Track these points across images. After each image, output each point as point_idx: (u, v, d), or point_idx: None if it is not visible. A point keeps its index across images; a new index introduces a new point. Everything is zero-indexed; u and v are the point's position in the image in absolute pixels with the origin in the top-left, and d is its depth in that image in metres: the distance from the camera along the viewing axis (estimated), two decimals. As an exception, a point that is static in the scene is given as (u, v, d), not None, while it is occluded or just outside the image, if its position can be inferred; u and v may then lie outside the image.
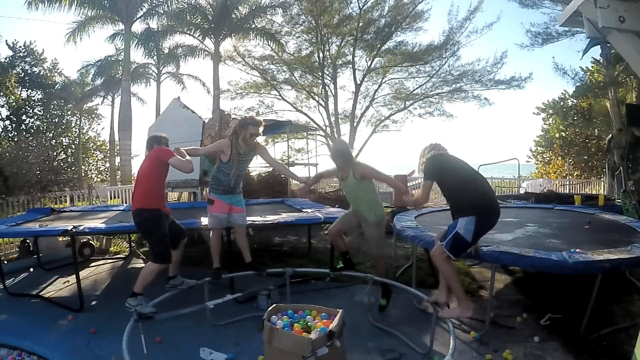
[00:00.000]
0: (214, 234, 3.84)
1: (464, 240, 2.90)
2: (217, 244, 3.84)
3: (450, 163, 3.15)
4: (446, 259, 2.98)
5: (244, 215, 3.87)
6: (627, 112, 8.46)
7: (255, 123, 3.68)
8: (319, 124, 18.51)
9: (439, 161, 3.14)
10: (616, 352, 3.01)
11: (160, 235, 3.36)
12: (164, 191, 3.64)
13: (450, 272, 3.00)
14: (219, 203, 3.72)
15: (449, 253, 2.93)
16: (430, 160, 3.14)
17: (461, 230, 2.89)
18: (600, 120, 13.75)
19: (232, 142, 3.67)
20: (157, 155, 3.46)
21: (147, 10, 14.22)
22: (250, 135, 3.64)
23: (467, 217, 2.89)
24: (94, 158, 23.71)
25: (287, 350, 2.31)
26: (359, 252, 6.31)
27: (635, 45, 2.59)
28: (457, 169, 3.11)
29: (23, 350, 3.44)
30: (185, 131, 7.37)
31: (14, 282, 5.23)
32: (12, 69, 19.33)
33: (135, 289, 3.29)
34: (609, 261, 3.00)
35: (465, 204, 2.96)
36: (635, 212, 6.73)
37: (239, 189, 3.85)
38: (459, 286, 3.06)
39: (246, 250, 3.91)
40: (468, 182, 3.03)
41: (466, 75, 17.19)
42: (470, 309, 3.02)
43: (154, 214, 3.35)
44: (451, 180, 3.08)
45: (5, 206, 7.05)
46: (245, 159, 3.76)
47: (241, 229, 3.89)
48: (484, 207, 2.95)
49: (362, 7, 16.95)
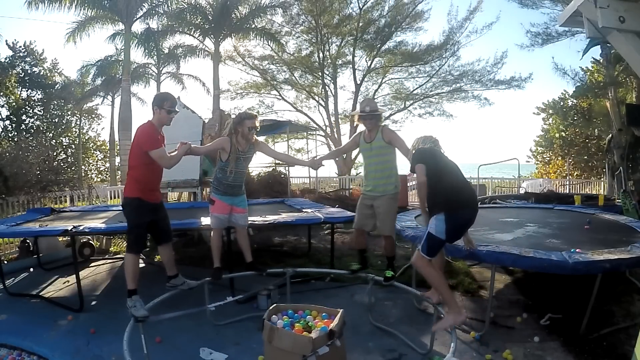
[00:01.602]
0: (215, 234, 3.84)
1: (438, 239, 2.88)
2: (218, 244, 3.83)
3: (431, 158, 3.09)
4: (427, 264, 2.93)
5: (245, 215, 3.87)
6: (627, 112, 8.46)
7: (250, 117, 3.66)
8: (319, 124, 18.55)
9: (423, 155, 3.11)
10: (616, 352, 3.01)
11: (133, 223, 3.29)
12: (155, 178, 3.43)
13: (434, 278, 2.94)
14: (219, 203, 3.72)
15: (425, 255, 2.89)
16: (416, 153, 3.16)
17: (432, 229, 2.88)
18: (600, 120, 13.75)
19: (232, 140, 3.64)
20: (139, 141, 3.24)
21: (147, 10, 14.19)
22: (248, 129, 3.62)
23: (437, 215, 2.89)
24: (94, 158, 23.72)
25: (288, 350, 2.31)
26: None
27: (635, 45, 2.59)
28: (433, 165, 3.05)
29: (23, 350, 3.44)
30: (185, 131, 7.35)
31: (14, 282, 5.23)
32: (12, 69, 19.34)
33: (128, 287, 3.24)
34: (609, 261, 3.01)
35: (436, 200, 2.95)
36: (635, 212, 6.73)
37: (242, 189, 3.81)
38: (447, 290, 2.98)
39: (247, 250, 3.90)
40: (439, 178, 2.98)
41: (466, 75, 17.23)
42: (463, 312, 2.94)
43: (133, 202, 3.26)
44: (428, 176, 3.02)
45: (5, 206, 7.04)
46: (245, 157, 3.71)
47: (242, 230, 3.88)
48: (453, 202, 2.90)
49: (362, 7, 16.98)
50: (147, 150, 3.21)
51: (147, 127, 3.29)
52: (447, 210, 2.87)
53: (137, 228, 3.30)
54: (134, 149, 3.29)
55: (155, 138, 3.26)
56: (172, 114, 3.37)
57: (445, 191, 2.94)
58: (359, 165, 22.85)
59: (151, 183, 3.39)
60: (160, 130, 3.39)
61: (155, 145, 3.23)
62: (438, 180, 2.97)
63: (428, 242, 2.91)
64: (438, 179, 2.98)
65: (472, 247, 3.30)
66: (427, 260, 2.92)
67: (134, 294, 3.20)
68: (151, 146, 3.21)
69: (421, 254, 2.92)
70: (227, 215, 3.76)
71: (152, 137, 3.24)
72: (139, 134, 3.28)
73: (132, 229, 3.32)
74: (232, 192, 3.71)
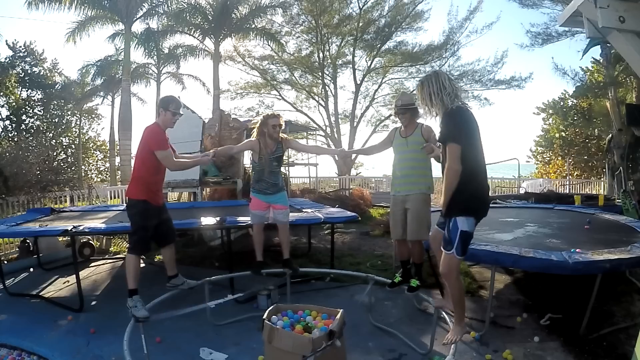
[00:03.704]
0: (255, 229, 3.96)
1: (469, 234, 2.56)
2: (258, 239, 3.94)
3: (470, 138, 2.51)
4: (459, 274, 2.67)
5: (285, 212, 3.90)
6: (627, 112, 8.46)
7: (273, 116, 3.80)
8: (319, 124, 18.56)
9: (463, 128, 2.48)
10: (616, 352, 3.01)
11: (138, 225, 3.30)
12: (160, 179, 3.44)
13: (459, 290, 2.69)
14: (255, 201, 3.85)
15: (461, 256, 2.57)
16: (455, 117, 2.49)
17: (464, 227, 2.53)
18: (600, 120, 13.75)
19: (260, 142, 3.75)
20: (148, 140, 3.26)
21: (147, 10, 14.21)
22: (272, 127, 3.71)
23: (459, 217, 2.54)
24: (94, 158, 23.70)
25: (288, 350, 2.31)
26: (359, 252, 6.31)
27: (635, 45, 2.59)
28: (468, 149, 2.47)
29: (23, 350, 3.43)
30: (185, 131, 7.35)
31: (14, 282, 5.22)
32: (12, 69, 19.32)
33: (128, 287, 3.24)
34: (609, 261, 3.01)
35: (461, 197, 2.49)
36: (635, 212, 6.73)
37: (278, 188, 3.85)
38: (464, 305, 2.79)
39: (286, 247, 3.97)
40: (473, 172, 2.48)
41: (466, 75, 17.24)
42: (465, 328, 2.87)
43: (139, 205, 3.26)
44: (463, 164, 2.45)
45: (5, 206, 7.04)
46: (274, 156, 3.79)
47: (283, 226, 3.91)
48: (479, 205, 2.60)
49: (362, 7, 16.99)
50: (154, 150, 3.23)
51: (155, 127, 3.32)
52: (470, 214, 2.54)
53: (142, 231, 3.30)
54: (142, 149, 3.31)
55: (163, 139, 3.30)
56: (176, 116, 3.41)
57: (477, 193, 2.52)
58: (359, 166, 22.89)
59: (156, 184, 3.41)
60: (165, 132, 3.44)
61: (163, 145, 3.27)
62: (470, 174, 2.46)
63: (462, 241, 2.53)
64: (470, 173, 2.46)
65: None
66: (459, 265, 2.62)
67: (135, 294, 3.20)
68: (158, 146, 3.24)
69: (457, 257, 2.55)
70: (265, 212, 3.84)
71: (160, 137, 3.28)
72: (147, 134, 3.30)
73: (136, 231, 3.33)
74: (267, 190, 3.79)
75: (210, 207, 6.67)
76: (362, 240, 7.20)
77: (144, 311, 3.09)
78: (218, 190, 9.36)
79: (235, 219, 4.59)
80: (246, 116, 17.89)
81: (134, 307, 3.12)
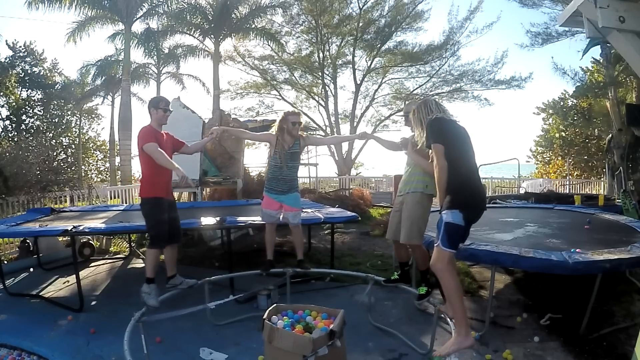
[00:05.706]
0: (266, 228, 3.99)
1: (456, 225, 2.53)
2: (269, 238, 3.98)
3: (452, 137, 2.72)
4: (451, 267, 2.56)
5: (296, 214, 3.93)
6: (627, 112, 8.46)
7: (293, 113, 3.88)
8: (319, 124, 18.52)
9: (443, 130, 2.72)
10: (616, 352, 3.01)
11: (153, 220, 3.46)
12: (166, 172, 3.50)
13: (453, 288, 2.53)
14: (267, 199, 3.88)
15: (448, 248, 2.52)
16: (435, 124, 2.73)
17: (448, 219, 2.53)
18: (600, 120, 13.76)
19: (278, 138, 3.80)
20: (137, 140, 3.44)
21: (147, 10, 14.19)
22: (291, 124, 3.76)
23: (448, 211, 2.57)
24: (94, 158, 23.70)
25: (288, 350, 2.31)
26: (358, 252, 6.31)
27: (635, 45, 2.59)
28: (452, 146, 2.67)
29: (23, 350, 3.43)
30: (185, 131, 7.35)
31: (14, 282, 5.22)
32: (12, 69, 19.33)
33: (146, 275, 3.43)
34: (609, 261, 3.01)
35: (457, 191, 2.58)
36: (635, 212, 6.73)
37: (291, 188, 3.87)
38: (462, 307, 2.57)
39: (300, 248, 4.05)
40: (457, 166, 2.62)
41: (466, 75, 17.23)
42: (470, 337, 2.55)
43: (150, 201, 3.47)
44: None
45: (5, 206, 7.04)
46: (292, 152, 3.81)
47: (295, 227, 3.96)
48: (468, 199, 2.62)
49: (362, 7, 16.98)
50: (141, 146, 3.38)
51: (145, 127, 3.51)
52: (455, 206, 2.56)
53: (158, 225, 3.45)
54: (138, 151, 3.47)
55: (150, 135, 3.42)
56: (167, 112, 3.58)
57: (462, 187, 2.60)
58: (359, 166, 22.89)
59: (163, 177, 3.52)
60: (161, 130, 3.61)
61: (147, 139, 3.38)
62: (453, 171, 2.60)
63: (447, 232, 2.51)
64: (455, 168, 2.60)
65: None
66: (450, 258, 2.54)
67: (152, 282, 3.39)
68: (144, 141, 3.38)
69: (442, 248, 2.52)
70: (276, 211, 3.87)
71: (144, 133, 3.43)
72: (137, 135, 3.46)
73: (153, 226, 3.48)
74: (279, 188, 3.83)
75: (210, 207, 6.68)
76: (362, 240, 7.20)
77: (155, 301, 3.26)
78: (218, 190, 9.37)
79: (235, 219, 4.60)
80: (246, 116, 17.89)
81: (148, 293, 3.31)
